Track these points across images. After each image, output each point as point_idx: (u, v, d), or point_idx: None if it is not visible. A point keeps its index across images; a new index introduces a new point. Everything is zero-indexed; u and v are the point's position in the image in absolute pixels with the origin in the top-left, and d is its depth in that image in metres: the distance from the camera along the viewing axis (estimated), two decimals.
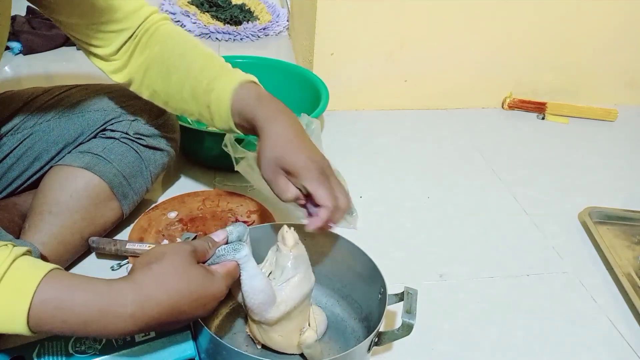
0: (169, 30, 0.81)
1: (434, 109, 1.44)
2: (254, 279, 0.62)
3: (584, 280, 0.93)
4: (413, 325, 0.66)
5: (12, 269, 0.50)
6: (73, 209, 0.80)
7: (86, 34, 0.77)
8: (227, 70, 0.77)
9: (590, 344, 0.82)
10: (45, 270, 0.52)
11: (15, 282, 0.50)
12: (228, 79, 0.74)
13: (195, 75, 0.76)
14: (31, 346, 0.62)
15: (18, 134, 0.85)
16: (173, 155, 0.96)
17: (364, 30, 1.30)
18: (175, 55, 0.78)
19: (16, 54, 1.49)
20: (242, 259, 0.61)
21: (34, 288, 0.50)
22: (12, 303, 0.49)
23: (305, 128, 1.04)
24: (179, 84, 0.77)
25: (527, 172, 1.21)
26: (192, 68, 0.77)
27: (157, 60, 0.79)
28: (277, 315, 0.65)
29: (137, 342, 0.63)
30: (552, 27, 1.38)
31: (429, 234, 1.01)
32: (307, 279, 0.68)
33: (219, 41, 1.71)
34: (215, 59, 0.79)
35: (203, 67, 0.77)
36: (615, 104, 1.50)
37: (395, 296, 0.72)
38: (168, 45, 0.79)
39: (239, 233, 0.63)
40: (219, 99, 0.74)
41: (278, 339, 0.69)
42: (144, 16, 0.79)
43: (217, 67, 0.77)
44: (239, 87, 0.73)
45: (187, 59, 0.78)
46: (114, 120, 0.88)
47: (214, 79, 0.75)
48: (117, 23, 0.77)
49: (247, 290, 0.63)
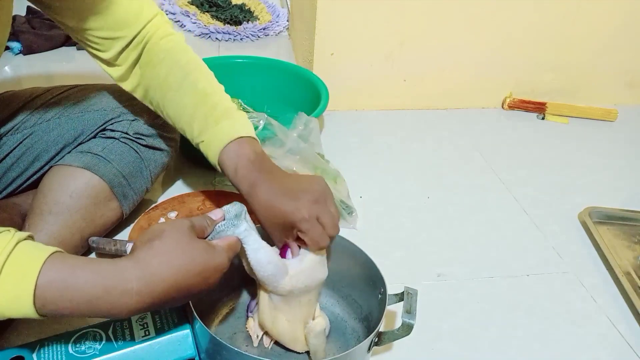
0: (166, 52, 0.79)
1: (434, 109, 1.44)
2: (258, 252, 0.63)
3: (584, 280, 0.93)
4: (413, 325, 0.66)
5: (16, 251, 0.50)
6: (73, 209, 0.80)
7: (85, 37, 0.78)
8: (214, 122, 0.75)
9: (590, 344, 0.82)
10: (49, 252, 0.52)
11: (20, 263, 0.50)
12: (213, 138, 0.75)
13: (187, 120, 0.77)
14: (31, 346, 0.62)
15: (18, 134, 0.85)
16: (173, 155, 0.96)
17: (364, 30, 1.30)
18: (169, 86, 0.78)
19: (16, 54, 1.49)
20: (242, 234, 0.62)
21: (39, 268, 0.50)
22: (18, 284, 0.49)
23: (304, 127, 1.05)
24: (175, 117, 0.79)
25: (527, 172, 1.21)
26: (184, 109, 0.78)
27: (154, 85, 0.80)
28: (288, 286, 0.66)
29: (137, 342, 0.63)
30: (552, 27, 1.38)
31: (428, 234, 1.01)
32: (321, 266, 0.69)
33: (219, 41, 1.71)
34: (207, 101, 0.77)
35: (194, 112, 0.77)
36: (615, 104, 1.50)
37: (395, 296, 0.72)
38: (162, 72, 0.79)
39: (236, 212, 0.63)
40: (207, 154, 0.77)
41: (284, 323, 0.69)
42: (143, 23, 0.78)
43: (206, 116, 0.76)
44: (222, 153, 0.74)
45: (180, 96, 0.78)
46: (114, 120, 0.88)
47: (202, 132, 0.76)
48: (112, 30, 0.76)
49: (254, 264, 0.64)
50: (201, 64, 0.81)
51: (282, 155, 0.98)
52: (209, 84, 0.80)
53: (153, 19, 0.79)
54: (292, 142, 1.00)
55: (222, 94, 0.80)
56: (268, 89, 1.32)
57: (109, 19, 0.75)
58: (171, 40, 0.81)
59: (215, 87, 0.80)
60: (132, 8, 0.77)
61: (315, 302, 0.72)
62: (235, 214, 0.63)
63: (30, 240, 0.54)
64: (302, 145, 1.00)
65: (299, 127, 1.04)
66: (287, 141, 1.00)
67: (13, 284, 0.49)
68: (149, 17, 0.78)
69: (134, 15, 0.77)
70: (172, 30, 0.82)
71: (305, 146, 1.00)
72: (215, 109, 0.76)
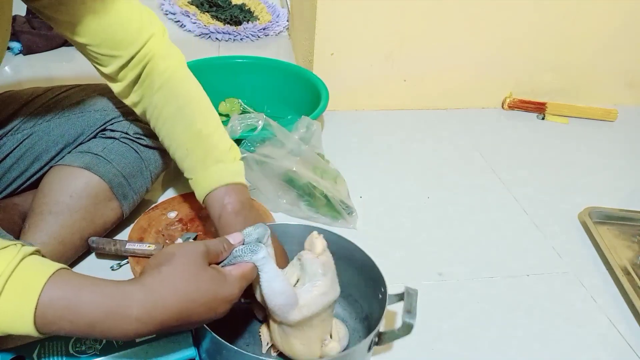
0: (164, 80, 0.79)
1: (434, 109, 1.44)
2: (273, 281, 0.60)
3: (584, 280, 0.93)
4: (413, 325, 0.66)
5: (20, 267, 0.50)
6: (73, 209, 0.80)
7: (86, 51, 0.78)
8: (204, 167, 0.77)
9: (590, 344, 0.82)
10: (53, 269, 0.51)
11: (23, 280, 0.49)
12: (202, 180, 0.77)
13: (180, 155, 0.80)
14: (31, 346, 0.62)
15: (18, 134, 0.85)
16: None
17: (364, 30, 1.30)
18: (165, 119, 0.80)
19: (16, 54, 1.49)
20: (260, 261, 0.59)
21: (41, 287, 0.49)
22: (20, 302, 0.49)
23: (306, 130, 1.05)
24: (169, 148, 0.82)
25: (527, 172, 1.21)
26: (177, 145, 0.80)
27: (151, 112, 0.81)
28: (298, 317, 0.64)
29: (138, 343, 0.63)
30: (552, 27, 1.38)
31: (429, 234, 1.01)
32: (332, 287, 0.67)
33: (219, 41, 1.71)
34: (201, 142, 0.78)
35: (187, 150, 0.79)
36: (615, 104, 1.50)
37: (395, 296, 0.72)
38: (160, 102, 0.79)
39: (258, 235, 0.61)
40: (195, 190, 0.79)
41: (299, 346, 0.68)
42: (141, 43, 0.77)
43: (199, 157, 0.78)
44: (209, 197, 0.76)
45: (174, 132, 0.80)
46: (114, 120, 0.88)
47: (192, 171, 0.79)
48: (110, 48, 0.76)
49: (267, 293, 0.61)
50: (199, 96, 0.81)
51: (283, 156, 0.98)
52: (204, 122, 0.80)
53: (152, 38, 0.78)
54: (293, 144, 1.00)
55: (217, 134, 0.80)
56: (268, 89, 1.32)
57: (108, 38, 0.76)
58: (170, 67, 0.80)
59: (211, 125, 0.80)
60: (131, 27, 0.77)
61: (330, 319, 0.70)
62: (257, 237, 0.61)
63: (37, 255, 0.53)
64: (303, 147, 1.00)
65: (301, 130, 1.04)
66: (288, 142, 1.00)
67: (15, 301, 0.49)
68: (147, 37, 0.78)
69: (133, 34, 0.77)
70: (171, 50, 0.81)
71: (306, 148, 1.00)
72: (207, 153, 0.78)
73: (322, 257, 0.66)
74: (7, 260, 0.49)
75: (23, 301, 0.49)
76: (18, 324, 0.49)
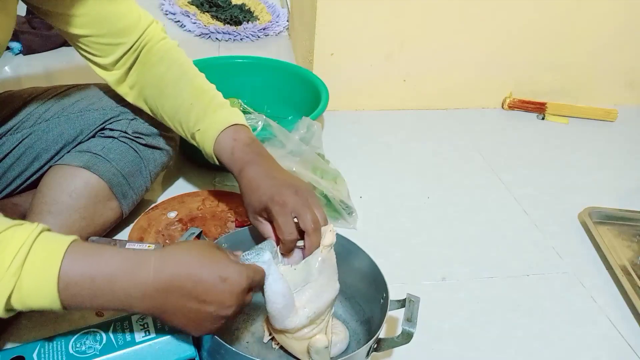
0: (164, 52, 0.83)
1: (434, 109, 1.44)
2: (276, 282, 0.62)
3: (584, 280, 0.93)
4: (413, 334, 0.66)
5: (43, 234, 0.53)
6: (72, 208, 0.80)
7: (85, 44, 0.80)
8: (212, 111, 0.79)
9: (590, 344, 0.82)
10: (74, 237, 0.55)
11: (46, 246, 0.53)
12: (211, 125, 0.78)
13: (184, 111, 0.81)
14: (31, 346, 0.62)
15: (17, 133, 0.85)
16: (172, 155, 0.96)
17: (364, 30, 1.30)
18: (167, 82, 0.82)
19: (16, 54, 1.49)
20: (266, 263, 0.62)
21: (66, 246, 0.53)
22: (44, 264, 0.52)
23: (306, 130, 1.05)
24: (171, 112, 0.82)
25: (527, 172, 1.21)
26: (182, 102, 0.81)
27: (151, 83, 0.83)
28: (297, 322, 0.65)
29: (138, 342, 0.63)
30: (552, 27, 1.38)
31: (429, 234, 1.01)
32: (330, 285, 0.67)
33: (219, 41, 1.71)
34: (204, 94, 0.81)
35: (192, 104, 0.80)
36: (615, 104, 1.50)
37: (397, 302, 0.72)
38: (161, 70, 0.82)
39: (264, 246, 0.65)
40: (203, 142, 0.79)
41: (295, 343, 0.68)
42: (142, 29, 0.82)
43: (204, 106, 0.80)
44: (219, 137, 0.77)
45: (178, 91, 0.81)
46: (113, 120, 0.88)
47: (199, 121, 0.79)
48: (114, 37, 0.79)
49: (269, 295, 0.63)
50: (194, 66, 0.86)
51: (283, 156, 0.98)
52: (204, 81, 0.85)
53: (150, 26, 0.83)
54: (293, 145, 1.00)
55: (216, 91, 0.84)
56: (268, 89, 1.32)
57: (112, 28, 0.79)
58: (168, 42, 0.85)
59: (210, 85, 0.85)
60: (132, 17, 0.81)
61: (328, 319, 0.70)
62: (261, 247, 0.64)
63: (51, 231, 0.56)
64: (303, 147, 1.00)
65: (302, 131, 1.04)
66: (288, 143, 1.00)
67: (40, 262, 0.51)
68: (146, 25, 0.82)
69: (134, 23, 0.81)
70: (166, 36, 0.86)
71: (306, 148, 1.00)
72: (212, 101, 0.81)
73: (325, 252, 0.66)
74: (29, 229, 0.52)
75: (49, 260, 0.52)
76: (42, 286, 0.52)
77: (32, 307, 0.53)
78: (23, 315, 0.75)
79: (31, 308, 0.53)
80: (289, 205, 0.68)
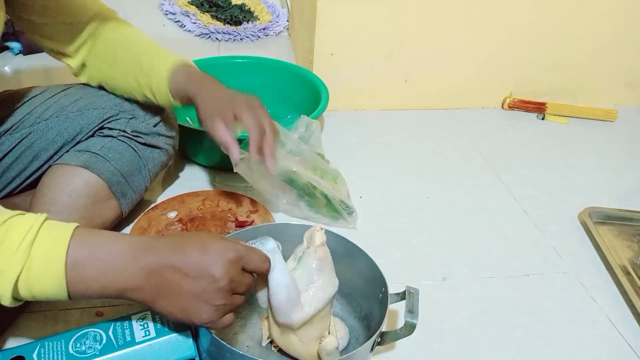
0: (113, 23, 0.88)
1: (434, 109, 1.44)
2: (280, 273, 0.62)
3: (584, 280, 0.93)
4: (416, 325, 0.66)
5: (47, 222, 0.55)
6: (72, 208, 0.80)
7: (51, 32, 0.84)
8: (162, 54, 0.87)
9: (590, 344, 0.82)
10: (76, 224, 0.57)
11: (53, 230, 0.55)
12: (163, 62, 0.85)
13: (137, 63, 0.86)
14: (31, 346, 0.62)
15: (17, 133, 0.85)
16: (172, 154, 0.96)
17: (364, 30, 1.30)
18: (119, 46, 0.87)
19: (16, 54, 1.49)
20: (270, 252, 0.61)
21: (72, 231, 0.55)
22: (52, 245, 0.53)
23: (305, 129, 1.05)
24: (124, 72, 0.87)
25: (527, 172, 1.21)
26: (133, 56, 0.86)
27: (105, 53, 0.87)
28: (301, 317, 0.64)
29: (138, 342, 0.63)
30: (552, 27, 1.38)
31: (429, 234, 1.01)
32: (331, 282, 0.67)
33: (219, 41, 1.71)
34: (153, 46, 0.89)
35: (142, 53, 0.86)
36: (615, 104, 1.50)
37: (396, 295, 0.72)
38: (112, 38, 0.87)
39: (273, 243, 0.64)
40: (157, 82, 0.84)
41: (298, 344, 0.68)
42: (95, 10, 0.86)
43: (154, 53, 0.87)
44: (174, 69, 0.84)
45: (128, 48, 0.87)
46: (112, 119, 0.88)
47: (151, 65, 0.85)
48: (68, 16, 0.83)
49: (272, 286, 0.62)
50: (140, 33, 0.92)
51: (283, 156, 0.98)
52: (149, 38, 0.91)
53: (103, 5, 0.88)
54: (293, 144, 0.99)
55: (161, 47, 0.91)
56: (268, 89, 1.31)
57: (65, 10, 0.83)
58: (114, 18, 0.90)
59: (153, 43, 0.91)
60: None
61: (329, 316, 0.70)
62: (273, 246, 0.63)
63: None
64: (302, 147, 1.00)
65: (300, 129, 1.04)
66: (287, 142, 1.00)
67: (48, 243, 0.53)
68: (100, 4, 0.88)
69: (87, 2, 0.86)
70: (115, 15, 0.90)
71: (306, 148, 1.00)
72: (163, 51, 0.88)
73: (319, 252, 0.66)
74: (34, 217, 0.54)
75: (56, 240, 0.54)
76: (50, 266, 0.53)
77: (38, 294, 0.54)
78: (23, 315, 0.75)
79: (37, 295, 0.54)
80: (248, 107, 0.81)
